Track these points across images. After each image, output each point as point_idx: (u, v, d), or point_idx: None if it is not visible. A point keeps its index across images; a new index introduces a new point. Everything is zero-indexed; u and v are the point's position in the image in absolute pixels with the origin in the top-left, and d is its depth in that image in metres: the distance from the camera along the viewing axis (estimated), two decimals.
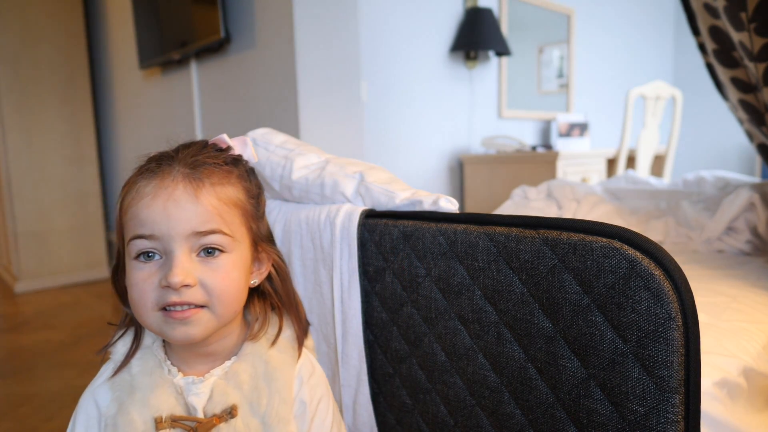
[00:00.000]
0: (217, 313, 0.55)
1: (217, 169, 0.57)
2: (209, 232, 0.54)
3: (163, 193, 0.53)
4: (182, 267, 0.52)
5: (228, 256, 0.55)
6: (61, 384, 1.71)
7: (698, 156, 4.53)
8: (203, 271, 0.53)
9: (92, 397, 0.60)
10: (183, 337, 0.54)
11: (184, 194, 0.53)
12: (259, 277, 0.62)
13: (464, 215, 0.68)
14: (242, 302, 0.59)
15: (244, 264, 0.58)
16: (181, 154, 0.57)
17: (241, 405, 0.57)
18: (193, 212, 0.53)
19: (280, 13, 1.80)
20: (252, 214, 0.60)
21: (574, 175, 2.66)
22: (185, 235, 0.53)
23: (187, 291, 0.52)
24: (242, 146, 0.64)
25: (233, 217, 0.56)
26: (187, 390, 0.58)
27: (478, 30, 2.77)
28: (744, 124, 1.62)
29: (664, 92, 2.76)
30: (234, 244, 0.56)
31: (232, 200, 0.57)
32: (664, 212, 1.57)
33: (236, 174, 0.59)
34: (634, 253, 0.50)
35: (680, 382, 0.49)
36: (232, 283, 0.55)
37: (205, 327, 0.54)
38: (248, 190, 0.60)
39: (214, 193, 0.55)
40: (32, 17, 2.95)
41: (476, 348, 0.66)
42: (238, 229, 0.57)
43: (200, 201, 0.53)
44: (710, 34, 1.41)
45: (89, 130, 3.20)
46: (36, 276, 3.04)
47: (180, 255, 0.53)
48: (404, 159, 2.73)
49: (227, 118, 2.16)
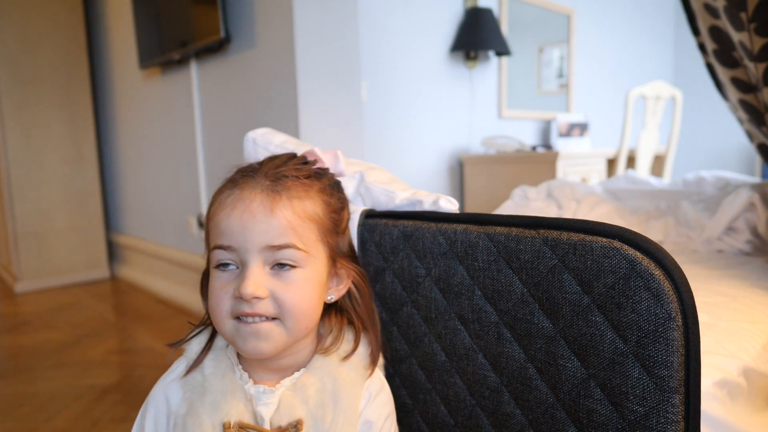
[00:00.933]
0: (288, 328, 0.55)
1: (298, 182, 0.57)
2: (283, 246, 0.54)
3: (241, 204, 0.54)
4: (254, 279, 0.53)
5: (301, 271, 0.55)
6: (61, 384, 1.71)
7: (698, 156, 4.53)
8: (275, 285, 0.54)
9: (163, 392, 0.61)
10: (253, 351, 0.54)
11: (261, 207, 0.54)
12: (337, 294, 0.62)
13: (464, 215, 0.68)
14: (315, 318, 0.58)
15: (318, 279, 0.57)
16: (266, 167, 0.58)
17: (306, 420, 0.57)
18: (267, 225, 0.54)
19: (280, 13, 1.80)
20: (330, 229, 0.59)
21: (574, 175, 2.66)
22: (259, 248, 0.54)
23: (258, 303, 0.53)
24: (333, 160, 0.64)
25: (308, 231, 0.56)
26: (257, 399, 0.58)
27: (478, 30, 2.77)
28: (744, 124, 1.62)
29: (664, 92, 2.76)
30: (308, 259, 0.56)
31: (309, 215, 0.57)
32: (664, 212, 1.57)
33: (317, 188, 0.59)
34: (634, 253, 0.50)
35: (680, 382, 0.49)
36: (304, 298, 0.55)
37: (275, 342, 0.55)
38: (329, 204, 0.60)
39: (290, 207, 0.55)
40: (32, 17, 2.95)
41: (476, 348, 0.66)
42: (313, 245, 0.57)
43: (275, 215, 0.54)
44: (710, 34, 1.41)
45: (89, 130, 3.20)
46: (36, 276, 3.04)
47: (253, 267, 0.54)
48: (404, 159, 2.73)
49: (227, 118, 2.16)
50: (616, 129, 4.04)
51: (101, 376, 1.77)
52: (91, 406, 1.56)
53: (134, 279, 3.10)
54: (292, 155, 0.62)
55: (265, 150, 0.94)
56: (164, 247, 2.77)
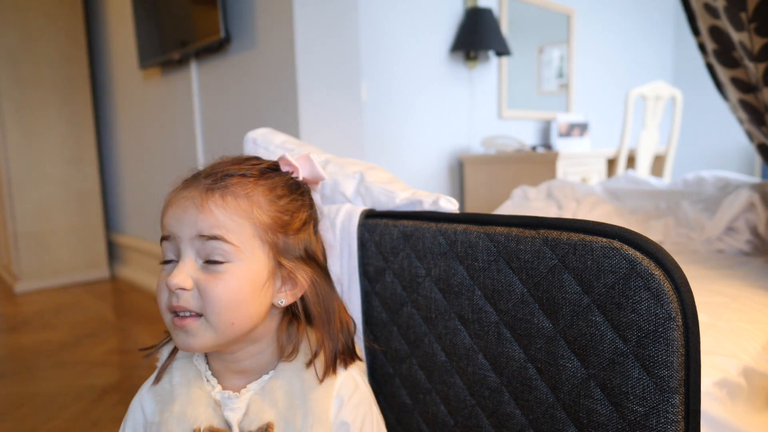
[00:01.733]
0: (212, 324, 0.54)
1: (242, 179, 0.58)
2: (211, 237, 0.54)
3: (181, 201, 0.57)
4: (181, 270, 0.54)
5: (232, 265, 0.55)
6: (61, 384, 1.71)
7: (698, 156, 4.53)
8: (202, 277, 0.54)
9: (139, 402, 0.62)
10: (183, 346, 0.55)
11: (194, 201, 0.56)
12: (290, 298, 0.60)
13: (464, 215, 0.68)
14: (246, 316, 0.56)
15: (252, 277, 0.56)
16: (215, 167, 0.59)
17: (277, 423, 0.57)
18: (197, 218, 0.55)
19: (280, 13, 1.80)
20: (273, 229, 0.58)
21: (574, 175, 2.66)
22: (190, 237, 0.55)
23: (183, 295, 0.54)
24: (307, 164, 0.64)
25: (240, 228, 0.56)
26: (223, 404, 0.58)
27: (478, 30, 2.77)
28: (744, 124, 1.62)
29: (664, 92, 2.76)
30: (239, 255, 0.55)
31: (245, 211, 0.56)
32: (664, 212, 1.57)
33: (264, 186, 0.59)
34: (634, 253, 0.50)
35: (680, 382, 0.49)
36: (229, 292, 0.54)
37: (201, 338, 0.54)
38: (275, 203, 0.58)
39: (222, 204, 0.55)
40: (32, 17, 2.95)
41: (476, 348, 0.66)
42: (247, 241, 0.56)
43: (206, 207, 0.55)
44: (710, 34, 1.41)
45: (89, 130, 3.20)
46: (36, 276, 3.04)
47: (185, 259, 0.55)
48: (404, 159, 2.73)
49: (227, 118, 2.16)
50: (616, 129, 4.04)
51: (101, 376, 1.77)
52: (91, 406, 1.56)
53: (134, 279, 3.10)
54: (253, 157, 0.62)
55: (265, 150, 0.94)
56: None
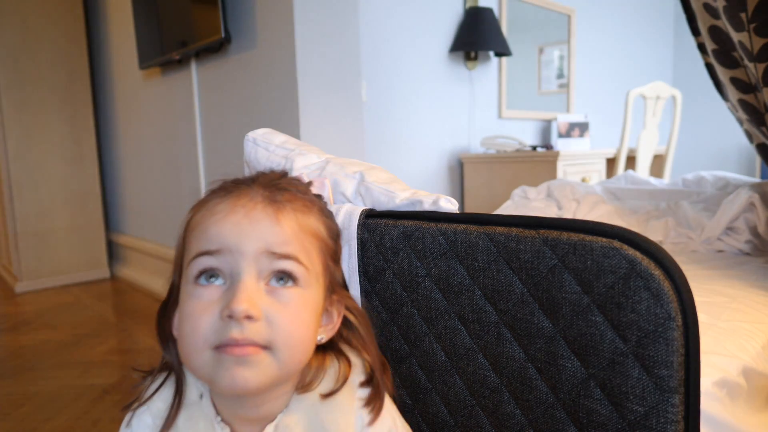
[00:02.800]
0: (279, 360, 0.45)
1: (300, 196, 0.51)
2: (285, 255, 0.46)
3: (240, 210, 0.46)
4: (248, 293, 0.44)
5: (300, 291, 0.47)
6: (61, 384, 1.71)
7: (698, 156, 4.53)
8: (270, 304, 0.45)
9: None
10: (237, 382, 0.44)
11: (263, 213, 0.46)
12: (327, 333, 0.53)
13: (464, 215, 0.68)
14: (309, 354, 0.49)
15: (315, 308, 0.49)
16: (262, 178, 0.51)
17: None
18: (270, 231, 0.46)
19: (280, 13, 1.80)
20: (331, 254, 0.53)
21: (574, 175, 2.66)
22: (257, 253, 0.45)
23: (249, 325, 0.43)
24: (320, 187, 0.59)
25: (313, 248, 0.49)
26: None
27: (478, 30, 2.77)
28: (744, 124, 1.62)
29: (664, 92, 2.76)
30: (309, 280, 0.48)
31: (314, 230, 0.50)
32: (664, 212, 1.57)
33: (318, 207, 0.53)
34: (634, 253, 0.50)
35: (680, 382, 0.49)
36: (302, 324, 0.47)
37: (263, 374, 0.45)
38: (330, 227, 0.53)
39: (296, 219, 0.48)
40: (32, 17, 2.95)
41: (476, 348, 0.66)
42: (316, 264, 0.49)
43: (280, 222, 0.46)
44: (710, 35, 1.41)
45: (89, 131, 3.20)
46: (36, 276, 3.04)
47: (247, 279, 0.44)
48: (404, 159, 2.73)
49: (227, 118, 2.16)
50: (616, 129, 4.04)
51: (101, 376, 1.77)
52: (91, 406, 1.56)
53: (134, 279, 3.10)
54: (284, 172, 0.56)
55: (265, 150, 0.94)
56: (164, 247, 2.77)
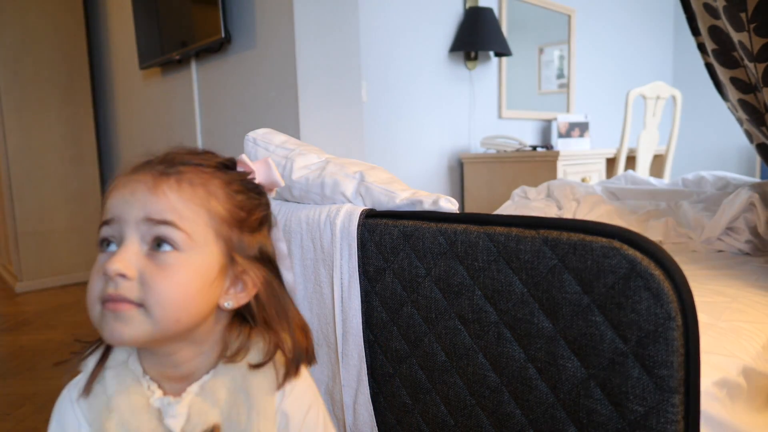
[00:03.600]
0: (153, 317, 0.49)
1: (198, 169, 0.54)
2: (162, 221, 0.50)
3: (132, 184, 0.52)
4: (123, 255, 0.49)
5: (181, 255, 0.50)
6: (62, 384, 1.71)
7: (698, 156, 4.53)
8: (146, 266, 0.49)
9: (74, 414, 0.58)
10: (112, 336, 0.49)
11: (145, 185, 0.51)
12: (236, 301, 0.56)
13: (464, 215, 0.68)
14: (192, 313, 0.52)
15: (201, 271, 0.52)
16: (168, 155, 0.55)
17: (221, 423, 0.54)
18: (149, 200, 0.51)
19: (280, 13, 1.80)
20: (229, 222, 0.54)
21: (574, 175, 2.66)
22: (137, 221, 0.50)
23: (123, 282, 0.49)
24: (265, 168, 0.60)
25: (195, 216, 0.52)
26: (164, 412, 0.54)
27: (478, 30, 2.77)
28: (744, 124, 1.62)
29: (664, 92, 2.76)
30: (190, 244, 0.51)
31: (201, 199, 0.53)
32: (664, 212, 1.57)
33: (221, 179, 0.55)
34: (634, 253, 0.50)
35: (680, 382, 0.49)
36: (176, 284, 0.50)
37: (136, 329, 0.49)
38: (232, 198, 0.55)
39: (177, 189, 0.52)
40: (32, 17, 2.95)
41: (476, 348, 0.66)
42: (200, 231, 0.52)
43: (159, 191, 0.51)
44: (710, 34, 1.41)
45: (89, 131, 3.20)
46: (36, 276, 3.04)
47: (128, 244, 0.50)
48: (404, 159, 2.73)
49: (227, 118, 2.16)
50: (616, 129, 4.04)
51: None
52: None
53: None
54: (208, 151, 0.58)
55: (265, 150, 0.94)
56: None
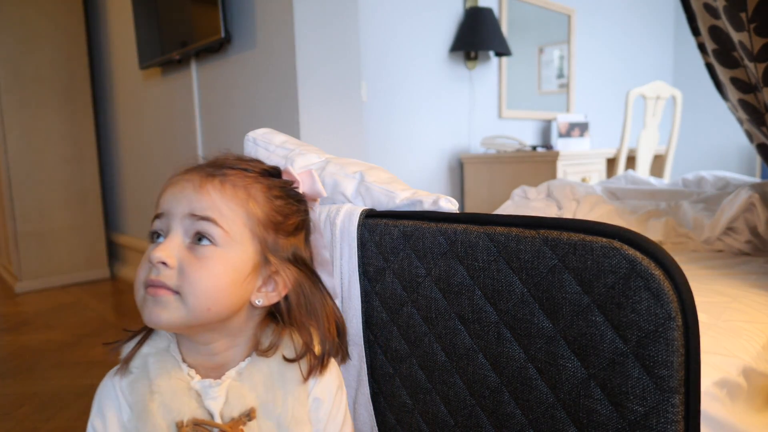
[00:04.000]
0: (187, 304, 0.53)
1: (242, 173, 0.59)
2: (203, 217, 0.55)
3: (181, 182, 0.57)
4: (167, 245, 0.54)
5: (218, 250, 0.55)
6: (61, 384, 1.71)
7: (698, 156, 4.53)
8: (186, 257, 0.54)
9: (115, 393, 0.61)
10: (152, 317, 0.53)
11: (192, 184, 0.56)
12: (267, 300, 0.59)
13: (464, 215, 0.68)
14: (225, 304, 0.55)
15: (236, 265, 0.56)
16: (218, 159, 0.60)
17: (257, 407, 0.57)
18: (194, 197, 0.55)
19: (280, 13, 1.80)
20: (266, 224, 0.58)
21: (574, 175, 2.66)
22: (182, 215, 0.55)
23: (164, 270, 0.53)
24: (309, 179, 0.65)
25: (235, 216, 0.56)
26: (204, 394, 0.57)
27: (478, 30, 2.77)
28: (744, 124, 1.62)
29: (664, 92, 2.76)
30: (228, 241, 0.55)
31: (241, 200, 0.57)
32: (664, 212, 1.57)
33: (263, 184, 0.60)
34: (634, 253, 0.50)
35: (680, 382, 0.49)
36: (211, 275, 0.54)
37: (171, 314, 0.53)
38: (272, 202, 0.59)
39: (220, 189, 0.56)
40: (32, 17, 2.95)
41: (476, 348, 0.66)
42: (238, 229, 0.56)
43: (202, 190, 0.56)
44: (710, 34, 1.41)
45: (89, 130, 3.20)
46: (36, 276, 3.04)
47: (173, 235, 0.55)
48: (404, 159, 2.73)
49: (227, 118, 2.16)
50: (616, 129, 4.04)
51: (101, 376, 1.76)
52: (91, 406, 1.56)
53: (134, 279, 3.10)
54: (256, 159, 0.63)
55: (265, 150, 0.94)
56: None
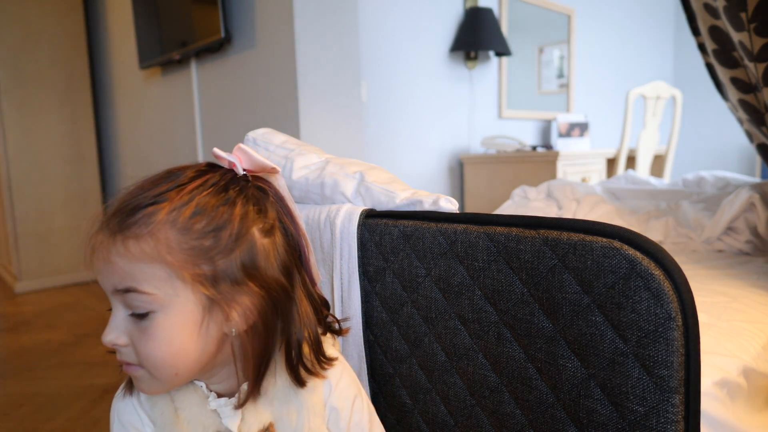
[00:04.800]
0: (154, 375, 0.52)
1: (150, 210, 0.49)
2: (124, 290, 0.50)
3: (97, 249, 0.52)
4: (112, 326, 0.51)
5: (159, 315, 0.50)
6: (61, 384, 1.71)
7: (698, 156, 4.53)
8: (134, 332, 0.51)
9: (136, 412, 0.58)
10: (140, 388, 0.54)
11: (102, 253, 0.51)
12: (242, 323, 0.53)
13: (464, 215, 0.68)
14: (191, 363, 0.52)
15: (183, 322, 0.50)
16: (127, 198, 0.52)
17: (275, 422, 0.57)
18: (107, 272, 0.51)
19: (280, 13, 1.80)
20: (192, 261, 0.50)
21: (574, 175, 2.66)
22: (111, 291, 0.51)
23: (123, 350, 0.52)
24: (242, 154, 0.56)
25: (152, 275, 0.49)
26: (222, 413, 0.57)
27: (478, 30, 2.77)
28: (744, 124, 1.62)
29: (664, 92, 2.76)
30: (163, 301, 0.49)
31: (150, 255, 0.49)
32: (664, 212, 1.57)
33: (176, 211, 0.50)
34: (634, 253, 0.50)
35: (680, 382, 0.49)
36: (161, 345, 0.50)
37: (150, 384, 0.53)
38: (188, 230, 0.50)
39: (125, 252, 0.49)
40: (32, 17, 2.95)
41: (476, 348, 0.66)
42: (164, 286, 0.49)
43: (110, 262, 0.50)
44: (710, 34, 1.41)
45: (89, 130, 3.20)
46: (36, 276, 3.04)
47: (115, 312, 0.52)
48: (404, 159, 2.73)
49: (227, 118, 2.16)
50: (616, 129, 4.04)
51: (101, 375, 1.77)
52: (92, 406, 1.56)
53: None
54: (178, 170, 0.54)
55: (265, 150, 0.94)
56: None
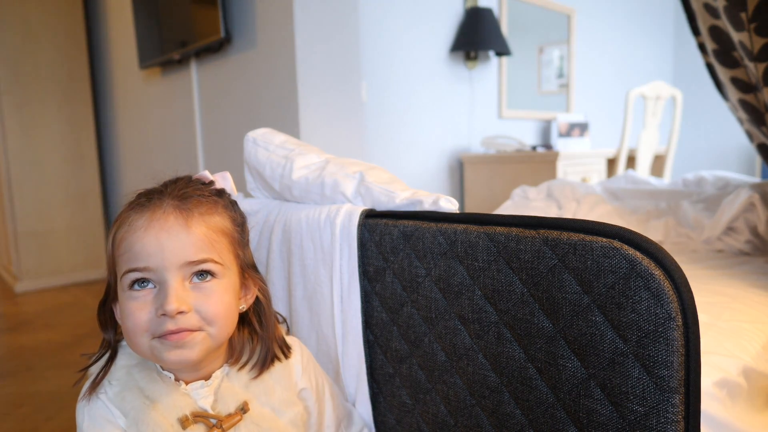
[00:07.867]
0: (212, 335, 0.57)
1: (204, 199, 0.59)
2: (201, 261, 0.56)
3: (156, 224, 0.55)
4: (177, 295, 0.54)
5: (219, 281, 0.57)
6: (61, 384, 1.71)
7: (698, 156, 4.53)
8: (196, 298, 0.55)
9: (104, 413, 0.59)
10: (181, 358, 0.55)
11: (176, 225, 0.55)
12: (246, 303, 0.64)
13: (464, 215, 0.68)
14: (234, 324, 0.61)
15: (233, 289, 0.60)
16: (169, 188, 0.59)
17: (250, 400, 0.62)
18: (185, 242, 0.55)
19: (280, 13, 1.80)
20: (239, 242, 0.62)
21: (574, 175, 2.66)
22: (178, 265, 0.55)
23: (182, 318, 0.54)
24: (222, 180, 0.67)
25: (222, 245, 0.59)
26: (195, 395, 0.60)
27: (478, 30, 2.77)
28: (744, 124, 1.62)
29: (664, 92, 2.76)
30: (224, 271, 0.58)
31: (221, 228, 0.59)
32: (664, 212, 1.57)
33: (222, 204, 0.62)
34: (634, 253, 0.50)
35: (680, 382, 0.49)
36: (224, 306, 0.57)
37: (200, 348, 0.56)
38: (234, 219, 0.63)
39: (204, 222, 0.57)
40: (32, 17, 2.95)
41: (476, 348, 0.66)
42: (227, 257, 0.59)
43: (192, 230, 0.56)
44: (710, 34, 1.41)
45: (89, 130, 3.20)
46: (36, 276, 3.04)
47: (174, 284, 0.54)
48: (404, 159, 2.73)
49: (227, 118, 2.16)
50: (616, 129, 4.04)
51: None
52: None
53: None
54: (188, 177, 0.64)
55: (265, 150, 0.94)
56: None
